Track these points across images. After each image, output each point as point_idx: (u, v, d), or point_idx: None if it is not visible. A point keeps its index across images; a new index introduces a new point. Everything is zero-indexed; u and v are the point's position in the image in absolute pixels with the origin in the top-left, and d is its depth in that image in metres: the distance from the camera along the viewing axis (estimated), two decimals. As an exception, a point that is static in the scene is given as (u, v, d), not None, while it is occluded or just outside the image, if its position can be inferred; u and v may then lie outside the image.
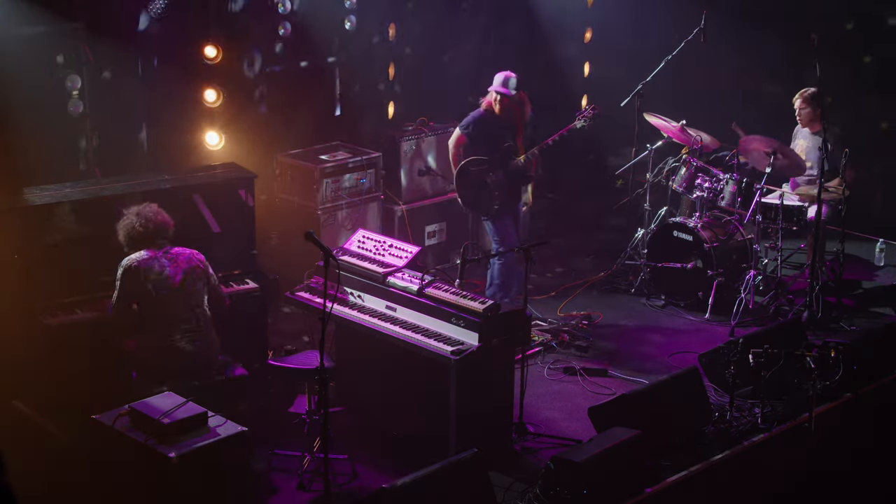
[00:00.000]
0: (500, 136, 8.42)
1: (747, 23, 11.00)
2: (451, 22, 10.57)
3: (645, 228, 9.56)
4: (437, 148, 9.79)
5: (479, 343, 6.48)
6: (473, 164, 8.44)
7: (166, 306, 6.44)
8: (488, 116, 8.43)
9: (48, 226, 6.87)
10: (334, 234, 8.99)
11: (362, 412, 7.18)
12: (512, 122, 8.45)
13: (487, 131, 8.43)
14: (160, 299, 6.43)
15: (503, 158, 8.43)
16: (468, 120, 8.48)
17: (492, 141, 8.43)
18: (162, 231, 6.56)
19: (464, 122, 8.50)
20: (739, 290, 8.83)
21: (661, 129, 9.47)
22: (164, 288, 6.43)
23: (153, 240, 6.53)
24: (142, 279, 6.42)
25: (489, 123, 8.42)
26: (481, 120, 8.44)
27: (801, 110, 9.22)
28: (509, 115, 8.41)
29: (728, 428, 7.00)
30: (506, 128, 8.45)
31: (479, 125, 8.43)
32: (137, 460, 5.68)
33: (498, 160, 8.42)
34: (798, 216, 8.84)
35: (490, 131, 8.42)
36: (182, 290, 6.47)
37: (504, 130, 8.45)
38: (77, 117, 8.14)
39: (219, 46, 8.59)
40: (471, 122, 8.46)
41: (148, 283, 6.41)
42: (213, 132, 8.75)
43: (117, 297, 6.48)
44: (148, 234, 6.51)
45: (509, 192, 8.51)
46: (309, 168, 9.01)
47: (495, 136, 8.42)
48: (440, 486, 5.73)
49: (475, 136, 8.42)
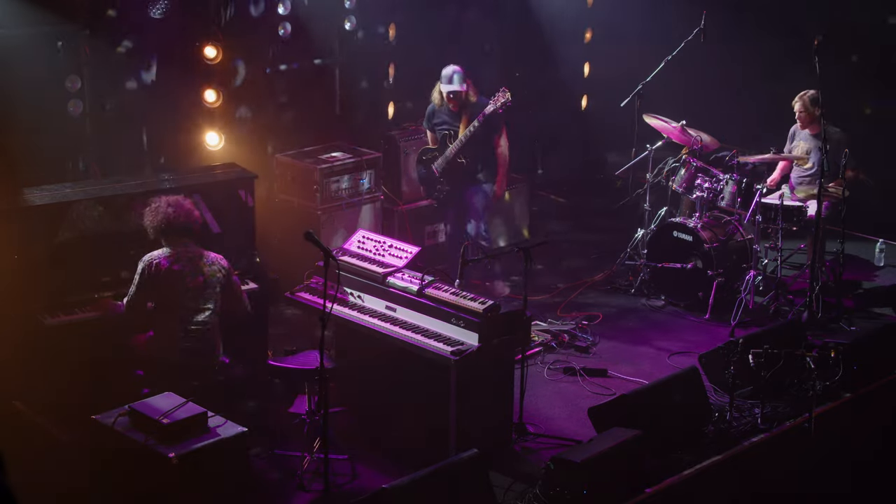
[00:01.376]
0: (444, 126, 8.92)
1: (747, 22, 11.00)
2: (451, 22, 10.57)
3: (645, 228, 9.55)
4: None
5: (479, 343, 6.48)
6: (425, 153, 9.10)
7: (177, 307, 6.41)
8: (437, 108, 8.95)
9: (48, 226, 6.86)
10: (334, 234, 8.99)
11: (362, 412, 7.18)
12: (456, 112, 8.83)
13: (435, 122, 8.99)
14: (173, 300, 6.39)
15: (442, 148, 8.91)
16: (426, 114, 9.07)
17: (438, 131, 8.98)
18: (188, 226, 6.49)
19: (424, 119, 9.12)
20: (739, 290, 8.82)
21: (660, 130, 9.47)
22: (178, 289, 6.38)
23: (179, 234, 6.46)
24: (160, 278, 6.37)
25: (437, 114, 8.96)
26: (431, 113, 9.01)
27: (800, 113, 9.21)
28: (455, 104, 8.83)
29: (728, 428, 7.00)
30: (452, 116, 8.87)
31: (429, 118, 9.04)
32: (137, 460, 5.68)
33: (440, 150, 8.92)
34: (798, 216, 8.85)
35: (437, 122, 8.97)
36: (196, 294, 6.44)
37: (450, 119, 8.88)
38: (77, 117, 8.14)
39: (219, 46, 8.59)
40: (426, 115, 9.06)
41: (164, 282, 6.37)
42: (213, 132, 8.75)
43: (134, 293, 6.45)
44: (174, 226, 6.44)
45: (451, 179, 8.90)
46: (309, 168, 9.01)
47: (440, 125, 8.95)
48: (440, 486, 5.73)
49: (431, 128, 9.05)
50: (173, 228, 6.46)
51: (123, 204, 7.05)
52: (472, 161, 8.83)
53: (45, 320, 6.62)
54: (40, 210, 6.88)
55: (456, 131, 8.81)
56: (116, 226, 7.03)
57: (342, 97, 9.97)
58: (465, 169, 8.85)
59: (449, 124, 8.86)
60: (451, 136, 8.84)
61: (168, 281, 6.39)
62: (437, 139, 8.97)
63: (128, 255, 6.91)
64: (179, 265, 6.42)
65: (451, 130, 8.85)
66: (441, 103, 8.84)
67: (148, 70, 8.52)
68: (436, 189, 9.04)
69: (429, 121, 9.01)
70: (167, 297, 6.42)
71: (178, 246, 6.47)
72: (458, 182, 8.91)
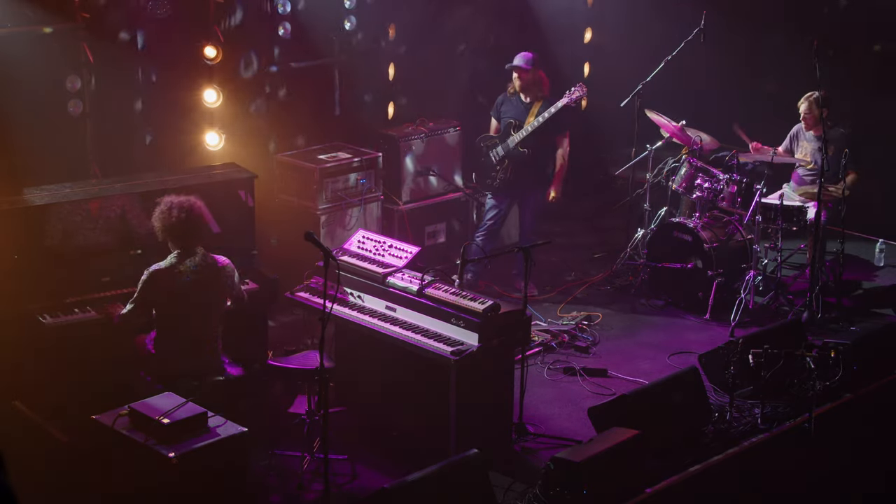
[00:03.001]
0: (510, 115, 8.99)
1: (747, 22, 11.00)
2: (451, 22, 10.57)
3: (645, 228, 9.56)
4: (438, 148, 9.79)
5: (479, 343, 6.48)
6: (484, 140, 9.14)
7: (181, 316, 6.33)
8: (507, 97, 9.04)
9: (48, 226, 6.86)
10: (334, 234, 8.98)
11: (362, 412, 7.18)
12: (528, 103, 8.90)
13: (503, 111, 9.07)
14: (177, 307, 6.31)
15: (504, 136, 8.95)
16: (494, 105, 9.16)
17: (504, 120, 9.06)
18: (200, 229, 6.37)
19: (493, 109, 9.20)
20: (739, 290, 8.82)
21: (661, 126, 9.47)
22: (183, 297, 6.29)
23: (190, 237, 6.32)
24: (163, 288, 6.27)
25: (506, 103, 9.05)
26: (500, 102, 9.10)
27: (806, 114, 9.20)
28: (528, 94, 8.89)
29: (728, 428, 7.00)
30: (521, 107, 8.93)
31: (497, 107, 9.13)
32: (137, 460, 5.68)
33: (502, 138, 8.96)
34: (798, 216, 8.85)
35: (505, 110, 9.04)
36: (201, 302, 6.36)
37: (517, 109, 8.93)
38: (77, 117, 8.14)
39: (219, 46, 8.58)
40: (496, 105, 9.14)
41: (168, 291, 6.27)
42: (213, 132, 8.75)
43: (134, 303, 6.32)
44: (185, 228, 6.29)
45: (508, 170, 8.97)
46: (309, 168, 9.01)
47: (508, 114, 9.01)
48: (440, 486, 5.73)
49: (498, 117, 9.13)
50: (184, 231, 6.32)
51: (123, 204, 7.04)
52: (533, 154, 8.90)
53: (45, 320, 6.62)
54: (40, 210, 6.88)
55: (521, 122, 8.86)
56: (117, 226, 7.03)
57: (342, 97, 9.96)
58: (525, 160, 8.90)
59: (514, 115, 8.95)
60: (515, 125, 8.90)
61: (169, 289, 6.28)
62: (501, 128, 9.05)
63: (128, 255, 6.92)
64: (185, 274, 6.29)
65: (516, 121, 8.91)
66: (513, 92, 8.94)
67: (148, 70, 8.52)
68: (490, 176, 9.07)
69: (496, 109, 9.12)
70: (167, 305, 6.33)
71: (189, 250, 6.34)
72: (517, 173, 8.97)
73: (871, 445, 7.06)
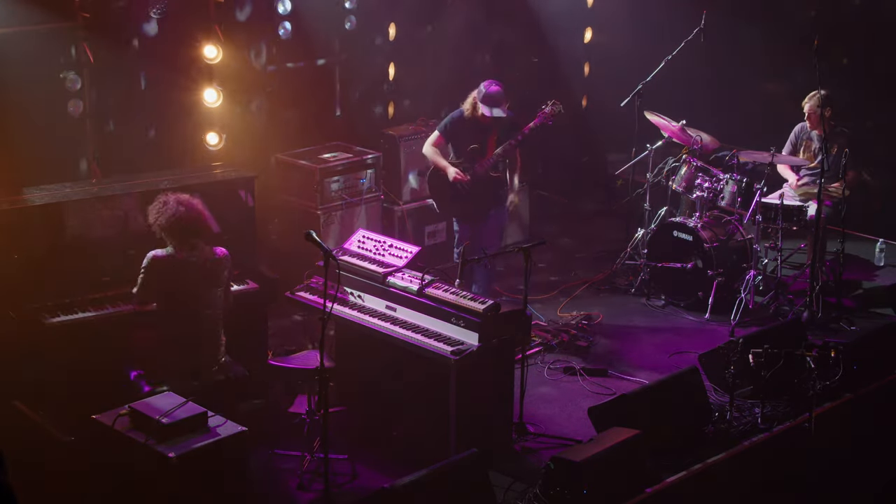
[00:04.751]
0: (470, 139, 8.32)
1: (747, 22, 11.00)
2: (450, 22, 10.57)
3: (645, 228, 9.56)
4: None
5: (479, 343, 6.48)
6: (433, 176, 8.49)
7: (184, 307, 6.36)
8: (465, 118, 8.32)
9: (48, 226, 6.86)
10: (334, 234, 8.98)
11: (362, 412, 7.18)
12: (487, 125, 8.27)
13: (461, 133, 8.36)
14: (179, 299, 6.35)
15: (469, 161, 8.34)
16: (446, 120, 8.44)
17: (463, 143, 8.37)
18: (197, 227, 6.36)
19: (442, 123, 8.47)
20: (739, 290, 8.82)
21: (661, 127, 9.47)
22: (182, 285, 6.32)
23: (187, 235, 6.32)
24: (163, 273, 6.30)
25: (462, 125, 8.34)
26: (457, 121, 8.37)
27: (811, 113, 9.19)
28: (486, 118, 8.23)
29: (728, 428, 7.00)
30: (480, 130, 8.31)
31: (452, 126, 8.38)
32: (137, 460, 5.68)
33: (465, 163, 8.34)
34: (798, 216, 8.85)
35: (464, 133, 8.35)
36: (204, 294, 6.39)
37: (477, 133, 8.33)
38: (77, 117, 8.14)
39: (219, 46, 8.59)
40: (448, 122, 8.41)
41: (167, 277, 6.31)
42: (213, 132, 8.75)
43: (140, 286, 6.38)
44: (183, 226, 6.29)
45: (476, 195, 8.35)
46: (309, 168, 9.01)
47: (467, 138, 8.34)
48: (440, 486, 5.73)
49: (451, 137, 8.40)
50: (181, 228, 6.31)
51: (123, 204, 7.04)
52: (502, 173, 8.45)
53: (45, 320, 6.62)
54: (40, 210, 6.89)
55: (484, 147, 8.31)
56: (117, 226, 7.03)
57: (342, 97, 9.96)
58: (496, 182, 8.42)
59: (474, 138, 8.32)
60: (479, 150, 8.31)
61: (173, 275, 6.32)
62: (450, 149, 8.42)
63: (128, 255, 6.91)
64: (183, 263, 6.33)
65: (480, 145, 8.31)
66: (471, 115, 8.26)
67: (148, 69, 8.52)
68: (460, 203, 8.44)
69: (447, 128, 8.38)
70: (172, 293, 6.36)
71: (185, 246, 6.35)
72: (485, 198, 8.41)
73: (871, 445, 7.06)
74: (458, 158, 8.40)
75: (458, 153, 8.43)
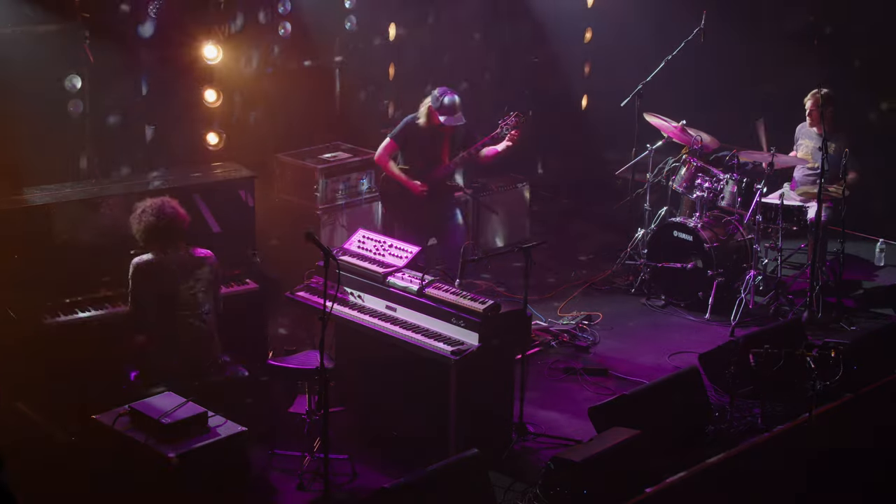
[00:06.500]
0: (426, 146, 8.17)
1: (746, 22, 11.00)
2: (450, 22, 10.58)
3: (645, 228, 9.56)
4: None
5: (479, 343, 6.48)
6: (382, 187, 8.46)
7: (172, 308, 6.40)
8: (419, 125, 8.14)
9: (48, 226, 6.86)
10: (334, 234, 8.98)
11: (362, 412, 7.18)
12: (443, 132, 8.12)
13: (415, 139, 8.19)
14: (166, 300, 6.38)
15: (426, 168, 8.20)
16: (400, 127, 8.27)
17: (417, 150, 8.20)
18: (175, 228, 6.41)
19: (395, 130, 8.30)
20: (739, 290, 8.83)
21: (661, 129, 9.48)
22: (167, 287, 6.37)
23: (167, 236, 6.39)
24: (150, 278, 6.35)
25: (416, 132, 8.17)
26: (411, 128, 8.18)
27: (812, 110, 9.19)
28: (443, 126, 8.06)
29: (728, 428, 7.00)
30: (435, 137, 8.15)
31: (408, 132, 8.19)
32: (137, 460, 5.68)
33: (421, 170, 8.20)
34: (798, 216, 8.85)
35: (417, 140, 8.18)
36: (188, 294, 6.41)
37: (431, 140, 8.16)
38: (77, 117, 8.14)
39: (219, 46, 8.59)
40: (401, 129, 8.23)
41: (155, 283, 6.35)
42: (213, 132, 8.75)
43: (131, 297, 6.44)
44: (161, 228, 6.36)
45: (431, 202, 8.21)
46: (309, 168, 9.01)
47: (422, 145, 8.17)
48: (440, 486, 5.73)
49: (404, 144, 8.23)
50: (160, 233, 6.38)
51: (123, 204, 7.04)
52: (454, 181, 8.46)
53: (45, 320, 6.62)
54: (40, 210, 6.89)
55: (438, 154, 8.17)
56: (116, 226, 7.03)
57: (342, 97, 9.97)
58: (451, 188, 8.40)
59: (429, 147, 8.16)
60: (434, 159, 8.15)
61: (156, 280, 6.36)
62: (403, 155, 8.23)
63: (128, 254, 6.90)
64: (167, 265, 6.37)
65: (434, 155, 8.17)
66: (427, 123, 8.07)
67: (148, 69, 8.51)
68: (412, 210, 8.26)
69: (400, 135, 8.18)
70: (157, 298, 6.38)
71: (168, 249, 6.40)
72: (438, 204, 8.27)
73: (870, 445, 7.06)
74: (406, 165, 8.27)
75: (407, 160, 8.27)
